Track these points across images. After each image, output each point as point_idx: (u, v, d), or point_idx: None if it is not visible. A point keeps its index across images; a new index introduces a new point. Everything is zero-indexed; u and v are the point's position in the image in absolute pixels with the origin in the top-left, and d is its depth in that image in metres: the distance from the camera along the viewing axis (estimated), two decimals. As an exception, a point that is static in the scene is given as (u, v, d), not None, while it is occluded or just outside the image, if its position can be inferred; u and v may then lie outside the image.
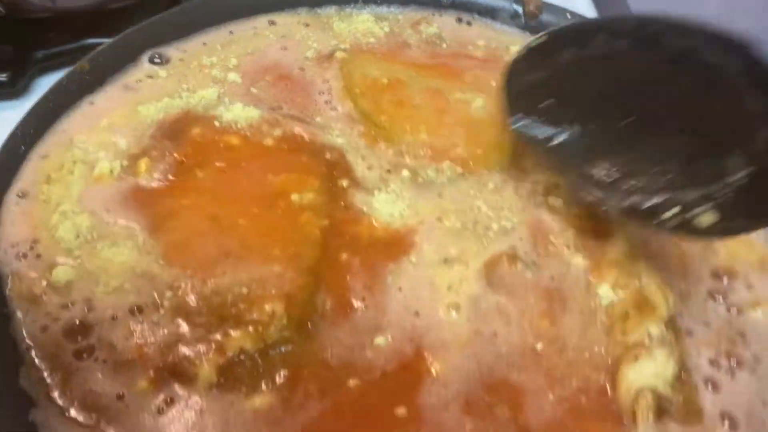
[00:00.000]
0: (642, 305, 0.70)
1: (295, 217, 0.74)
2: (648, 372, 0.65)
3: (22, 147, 0.75)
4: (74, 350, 0.63)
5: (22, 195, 0.72)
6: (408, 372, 0.65)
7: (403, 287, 0.70)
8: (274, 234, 0.72)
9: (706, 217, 0.65)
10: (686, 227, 0.65)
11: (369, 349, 0.66)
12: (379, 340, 0.66)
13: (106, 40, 0.87)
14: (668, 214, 0.66)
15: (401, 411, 0.63)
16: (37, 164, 0.75)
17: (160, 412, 0.61)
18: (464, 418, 0.62)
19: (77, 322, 0.64)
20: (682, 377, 0.67)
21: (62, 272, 0.67)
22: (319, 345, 0.66)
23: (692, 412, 0.65)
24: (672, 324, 0.70)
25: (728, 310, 0.76)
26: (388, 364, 0.65)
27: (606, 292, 0.72)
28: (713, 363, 0.71)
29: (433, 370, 0.65)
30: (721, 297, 0.77)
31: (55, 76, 0.82)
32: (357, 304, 0.69)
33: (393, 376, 0.64)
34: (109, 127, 0.80)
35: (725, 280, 0.78)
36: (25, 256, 0.68)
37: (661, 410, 0.64)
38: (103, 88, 0.84)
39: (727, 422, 0.67)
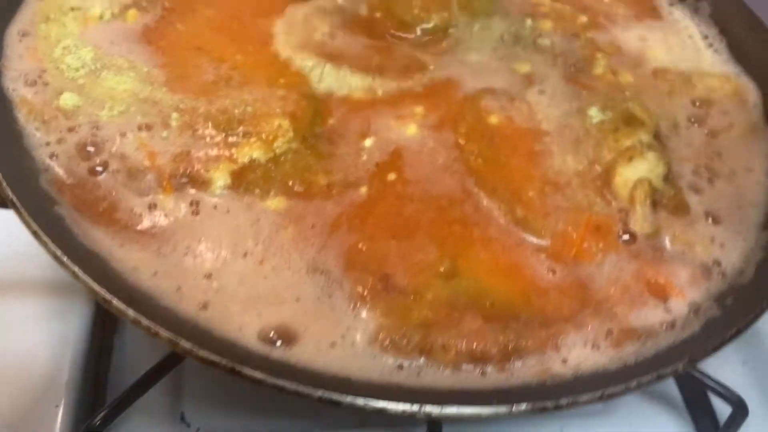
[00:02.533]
0: (630, 120, 0.75)
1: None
2: (642, 168, 0.70)
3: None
4: (89, 167, 0.64)
5: (23, 34, 0.73)
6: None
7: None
8: (274, 66, 0.75)
9: None
10: None
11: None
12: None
13: None
14: None
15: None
16: (35, 5, 0.76)
17: (194, 214, 0.63)
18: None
19: (88, 140, 0.66)
20: (671, 178, 0.72)
21: (69, 98, 0.68)
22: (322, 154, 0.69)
23: (681, 206, 0.71)
24: (657, 136, 0.76)
25: (706, 134, 0.81)
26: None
27: (596, 113, 0.76)
28: (695, 172, 0.76)
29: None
30: (698, 123, 0.82)
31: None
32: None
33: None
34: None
35: (703, 108, 0.83)
36: (34, 83, 0.69)
37: (654, 202, 0.69)
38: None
39: (710, 218, 0.71)
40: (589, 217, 0.68)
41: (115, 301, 0.52)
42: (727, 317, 0.62)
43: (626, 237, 0.67)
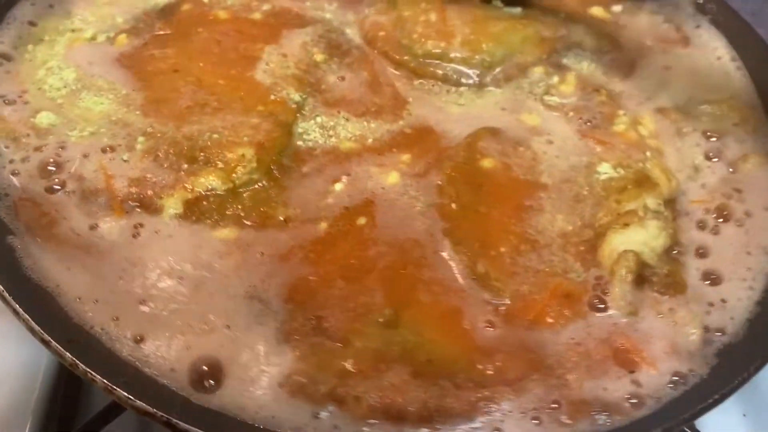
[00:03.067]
0: (643, 182, 0.68)
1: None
2: (636, 239, 0.63)
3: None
4: (46, 186, 0.64)
5: (5, 57, 0.74)
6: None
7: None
8: (255, 93, 0.73)
9: None
10: None
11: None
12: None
13: None
14: None
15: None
16: (21, 29, 0.77)
17: (134, 236, 0.61)
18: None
19: (51, 161, 0.66)
20: (673, 253, 0.65)
21: (45, 117, 0.69)
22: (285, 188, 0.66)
23: (676, 285, 0.62)
24: (671, 204, 0.68)
25: (726, 166, 0.73)
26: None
27: (606, 169, 0.70)
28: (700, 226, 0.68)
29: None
30: (716, 157, 0.74)
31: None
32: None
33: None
34: (110, 3, 0.83)
35: (716, 139, 0.76)
36: (13, 102, 0.70)
37: (642, 278, 0.62)
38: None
39: (709, 281, 0.64)
40: (559, 283, 0.61)
41: (53, 344, 0.52)
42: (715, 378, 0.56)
43: (600, 307, 0.60)
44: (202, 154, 0.66)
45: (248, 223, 0.63)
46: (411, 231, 0.64)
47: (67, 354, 0.51)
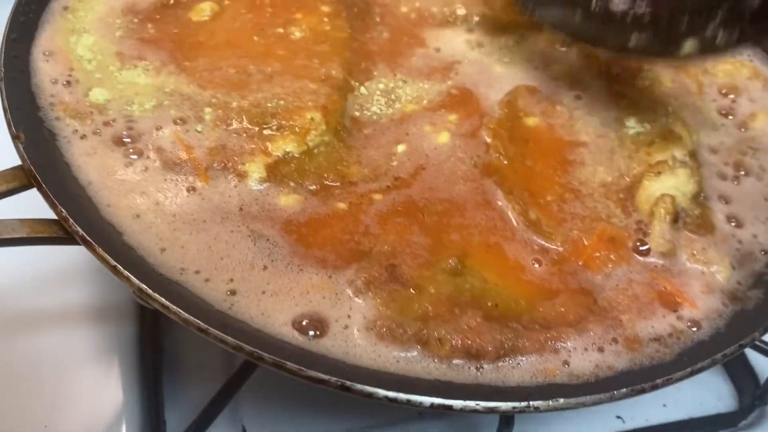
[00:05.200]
0: (668, 135, 0.75)
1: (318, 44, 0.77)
2: (669, 184, 0.70)
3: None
4: (125, 160, 0.65)
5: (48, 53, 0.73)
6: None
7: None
8: (306, 57, 0.76)
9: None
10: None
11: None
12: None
13: None
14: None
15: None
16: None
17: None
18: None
19: (124, 133, 0.66)
20: (701, 198, 0.71)
21: (99, 93, 0.70)
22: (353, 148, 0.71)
23: (706, 226, 0.69)
24: (694, 156, 0.75)
25: (738, 126, 0.80)
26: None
27: (633, 124, 0.77)
28: (721, 175, 0.75)
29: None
30: (729, 114, 0.81)
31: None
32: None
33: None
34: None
35: (731, 96, 0.83)
36: (67, 84, 0.70)
37: (676, 219, 0.69)
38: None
39: (734, 222, 0.71)
40: (605, 228, 0.67)
41: (212, 330, 0.52)
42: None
43: (642, 250, 0.67)
44: (273, 120, 0.68)
45: (327, 182, 0.67)
46: (465, 185, 0.70)
47: (229, 338, 0.52)
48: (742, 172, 0.75)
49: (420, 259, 0.62)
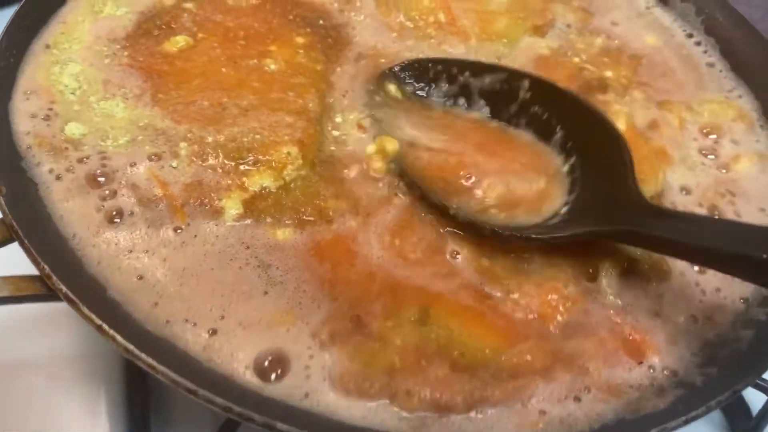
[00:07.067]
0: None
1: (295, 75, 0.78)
2: None
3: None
4: (99, 195, 0.65)
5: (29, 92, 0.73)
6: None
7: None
8: (281, 90, 0.76)
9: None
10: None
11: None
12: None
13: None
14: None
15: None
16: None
17: (184, 243, 0.63)
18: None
19: (98, 171, 0.66)
20: None
21: (75, 128, 0.69)
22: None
23: (662, 273, 0.67)
24: (658, 197, 0.73)
25: (718, 167, 0.78)
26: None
27: None
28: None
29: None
30: (711, 154, 0.79)
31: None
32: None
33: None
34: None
35: (713, 136, 0.81)
36: (47, 117, 0.70)
37: (629, 270, 0.67)
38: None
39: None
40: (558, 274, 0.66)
41: (201, 391, 0.51)
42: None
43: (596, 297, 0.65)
44: (249, 155, 0.68)
45: (304, 218, 0.67)
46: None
47: (219, 398, 0.51)
48: (716, 215, 0.73)
49: (385, 310, 0.62)
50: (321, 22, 0.84)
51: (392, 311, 0.62)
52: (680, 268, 0.68)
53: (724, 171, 0.78)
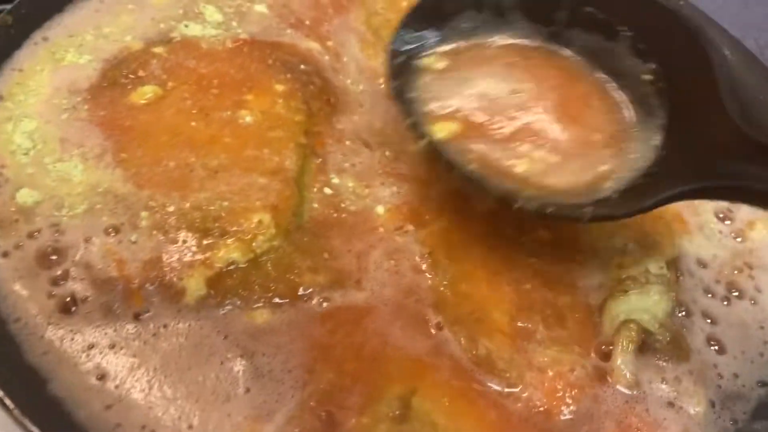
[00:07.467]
0: (643, 239, 0.66)
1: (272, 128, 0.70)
2: (638, 306, 0.62)
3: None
4: (50, 278, 0.59)
5: None
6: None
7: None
8: (256, 146, 0.69)
9: None
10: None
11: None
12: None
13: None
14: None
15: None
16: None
17: (155, 335, 0.57)
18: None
19: (49, 249, 0.60)
20: (678, 314, 0.64)
21: (27, 195, 0.63)
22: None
23: (680, 352, 0.62)
24: (674, 264, 0.67)
25: (734, 236, 0.72)
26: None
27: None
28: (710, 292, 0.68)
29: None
30: (726, 219, 0.73)
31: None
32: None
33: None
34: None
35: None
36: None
37: (646, 345, 0.61)
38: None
39: (715, 347, 0.64)
40: (564, 359, 0.60)
41: None
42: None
43: (609, 381, 0.60)
44: (216, 225, 0.62)
45: (277, 300, 0.60)
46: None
47: None
48: (735, 293, 0.67)
49: (359, 404, 0.55)
50: (302, 67, 0.77)
51: (368, 405, 0.55)
52: (698, 345, 0.62)
53: (740, 240, 0.72)
